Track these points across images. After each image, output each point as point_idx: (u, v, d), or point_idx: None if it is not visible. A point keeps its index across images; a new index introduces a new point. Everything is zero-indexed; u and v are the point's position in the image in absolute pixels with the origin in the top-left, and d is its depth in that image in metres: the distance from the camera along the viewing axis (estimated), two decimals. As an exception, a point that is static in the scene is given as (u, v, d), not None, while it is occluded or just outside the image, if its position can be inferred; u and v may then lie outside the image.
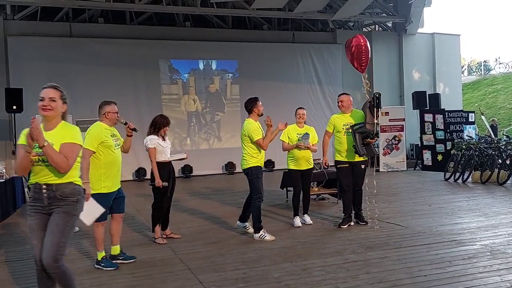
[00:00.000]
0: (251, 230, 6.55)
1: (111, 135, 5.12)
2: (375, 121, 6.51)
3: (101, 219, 4.90)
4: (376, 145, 6.97)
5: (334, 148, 6.94)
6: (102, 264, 5.07)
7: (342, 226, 6.70)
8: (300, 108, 7.17)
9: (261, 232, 6.20)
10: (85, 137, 4.90)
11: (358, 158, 6.66)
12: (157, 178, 5.97)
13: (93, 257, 5.44)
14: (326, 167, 7.61)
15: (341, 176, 6.86)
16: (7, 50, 13.42)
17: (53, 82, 3.61)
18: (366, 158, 6.80)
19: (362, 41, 6.85)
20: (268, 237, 6.19)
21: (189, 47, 15.32)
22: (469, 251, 5.29)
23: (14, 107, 11.73)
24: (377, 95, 6.51)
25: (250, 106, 6.38)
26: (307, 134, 6.79)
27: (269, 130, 6.20)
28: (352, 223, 6.83)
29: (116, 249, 5.30)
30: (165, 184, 5.97)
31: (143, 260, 5.41)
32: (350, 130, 6.66)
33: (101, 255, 5.11)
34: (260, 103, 6.42)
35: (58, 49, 13.87)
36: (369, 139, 6.58)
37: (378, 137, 6.73)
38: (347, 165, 6.73)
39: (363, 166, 6.76)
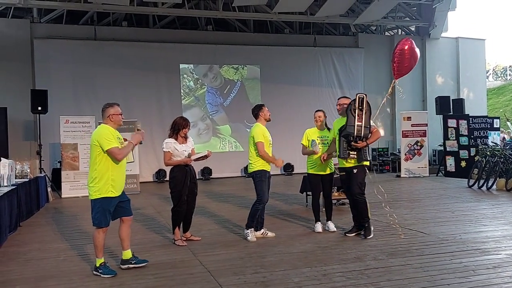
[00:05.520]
0: (270, 234, 6.58)
1: (117, 138, 5.01)
2: (358, 123, 6.15)
3: (104, 224, 4.91)
4: (365, 151, 6.32)
5: None
6: (100, 271, 4.92)
7: (348, 234, 6.51)
8: (318, 110, 6.94)
9: (249, 230, 6.37)
10: (99, 140, 4.83)
11: (349, 164, 6.35)
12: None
13: (118, 256, 5.50)
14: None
15: (342, 184, 6.81)
16: (33, 52, 13.73)
17: (77, 84, 3.63)
18: (362, 163, 6.33)
19: (407, 45, 6.83)
20: (250, 237, 6.33)
21: (211, 51, 15.44)
22: (493, 260, 5.17)
23: (39, 108, 11.97)
24: (361, 97, 6.22)
25: (256, 111, 6.51)
26: (314, 140, 6.66)
27: (278, 160, 6.40)
28: (372, 228, 6.56)
29: (127, 254, 5.19)
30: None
31: (163, 261, 5.45)
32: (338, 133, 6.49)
33: (99, 261, 4.95)
34: (267, 109, 6.50)
35: (83, 51, 14.14)
36: (354, 143, 6.20)
37: (363, 141, 6.17)
38: (344, 172, 6.51)
39: (355, 171, 6.32)
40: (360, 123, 6.16)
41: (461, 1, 39.45)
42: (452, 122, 14.01)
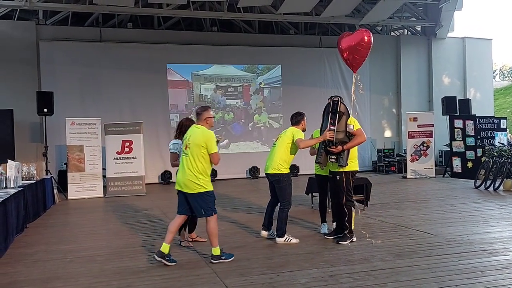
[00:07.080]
0: (279, 239, 6.50)
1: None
2: (331, 127, 5.96)
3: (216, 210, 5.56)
4: (343, 156, 5.97)
5: None
6: (223, 257, 5.38)
7: (340, 242, 6.12)
8: None
9: (286, 236, 6.24)
10: (208, 142, 5.26)
11: (333, 168, 6.20)
12: None
13: (123, 256, 5.48)
14: None
15: (329, 187, 6.64)
16: (39, 54, 13.79)
17: (83, 86, 3.63)
18: (345, 170, 6.05)
19: (366, 37, 6.56)
20: (294, 240, 6.23)
21: (216, 52, 15.41)
22: (501, 261, 5.13)
23: (45, 110, 12.00)
24: (335, 100, 6.00)
25: (299, 118, 6.40)
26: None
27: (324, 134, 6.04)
28: (354, 239, 6.21)
29: (167, 248, 5.39)
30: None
31: (169, 262, 5.44)
32: None
33: (218, 250, 5.39)
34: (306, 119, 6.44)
35: (88, 53, 14.18)
36: (328, 147, 6.01)
37: (337, 146, 5.94)
38: (331, 175, 6.35)
39: (338, 178, 6.13)
40: (333, 128, 5.98)
41: (467, 1, 39.38)
42: (458, 123, 13.94)
